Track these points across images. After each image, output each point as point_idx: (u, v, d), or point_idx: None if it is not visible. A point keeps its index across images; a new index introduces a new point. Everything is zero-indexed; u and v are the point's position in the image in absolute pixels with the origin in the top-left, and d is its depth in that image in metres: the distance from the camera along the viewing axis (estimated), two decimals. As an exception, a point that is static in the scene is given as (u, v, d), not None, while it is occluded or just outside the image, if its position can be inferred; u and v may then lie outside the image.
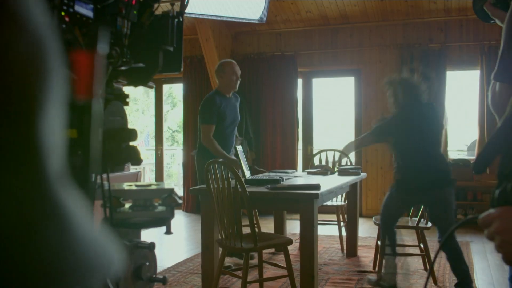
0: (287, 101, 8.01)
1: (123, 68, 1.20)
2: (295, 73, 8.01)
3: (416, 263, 4.55)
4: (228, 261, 4.79)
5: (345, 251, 5.36)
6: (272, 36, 8.30)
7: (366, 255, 5.13)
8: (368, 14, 7.63)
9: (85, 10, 1.06)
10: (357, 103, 8.03)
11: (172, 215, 1.24)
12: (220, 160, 3.58)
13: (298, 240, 4.06)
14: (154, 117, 9.33)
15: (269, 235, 3.96)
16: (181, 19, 1.25)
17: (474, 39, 7.31)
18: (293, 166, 7.80)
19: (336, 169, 5.22)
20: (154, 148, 9.34)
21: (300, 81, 8.21)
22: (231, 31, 8.33)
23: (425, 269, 4.30)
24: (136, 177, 6.62)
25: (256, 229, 4.49)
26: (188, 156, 8.45)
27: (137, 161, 1.24)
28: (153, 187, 1.24)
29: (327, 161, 5.86)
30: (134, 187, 1.25)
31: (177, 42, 1.24)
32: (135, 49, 1.19)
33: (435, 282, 4.28)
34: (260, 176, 4.52)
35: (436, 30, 7.50)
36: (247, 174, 4.32)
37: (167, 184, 1.24)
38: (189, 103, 8.53)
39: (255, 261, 4.44)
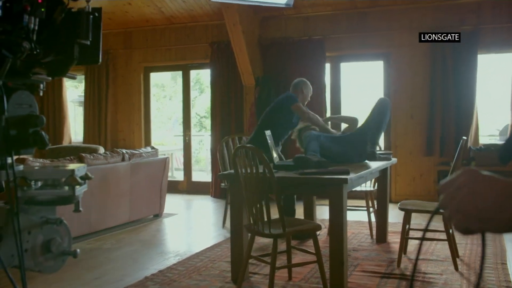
0: (315, 86, 7.88)
1: (44, 60, 1.35)
2: (323, 58, 7.92)
3: (447, 249, 4.48)
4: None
5: (374, 237, 5.31)
6: (299, 20, 8.21)
7: (396, 241, 5.06)
8: (398, -4, 7.48)
9: None
10: (386, 87, 7.91)
11: (73, 193, 1.35)
12: (248, 145, 3.56)
13: (327, 226, 4.03)
14: (182, 103, 9.36)
15: (297, 221, 3.94)
16: (97, 15, 1.39)
17: (508, 21, 7.10)
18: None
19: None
20: (182, 134, 9.38)
21: (328, 66, 8.12)
22: (258, 15, 8.27)
23: (452, 255, 4.22)
24: (165, 162, 6.67)
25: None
26: (216, 141, 8.45)
27: (43, 145, 1.34)
28: (61, 168, 1.38)
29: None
30: (40, 168, 1.41)
31: (94, 36, 1.38)
32: (50, 43, 1.34)
33: (456, 268, 4.21)
34: (288, 161, 4.49)
35: (468, 12, 7.31)
36: (276, 159, 4.30)
37: (74, 165, 1.37)
38: (217, 88, 8.51)
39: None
